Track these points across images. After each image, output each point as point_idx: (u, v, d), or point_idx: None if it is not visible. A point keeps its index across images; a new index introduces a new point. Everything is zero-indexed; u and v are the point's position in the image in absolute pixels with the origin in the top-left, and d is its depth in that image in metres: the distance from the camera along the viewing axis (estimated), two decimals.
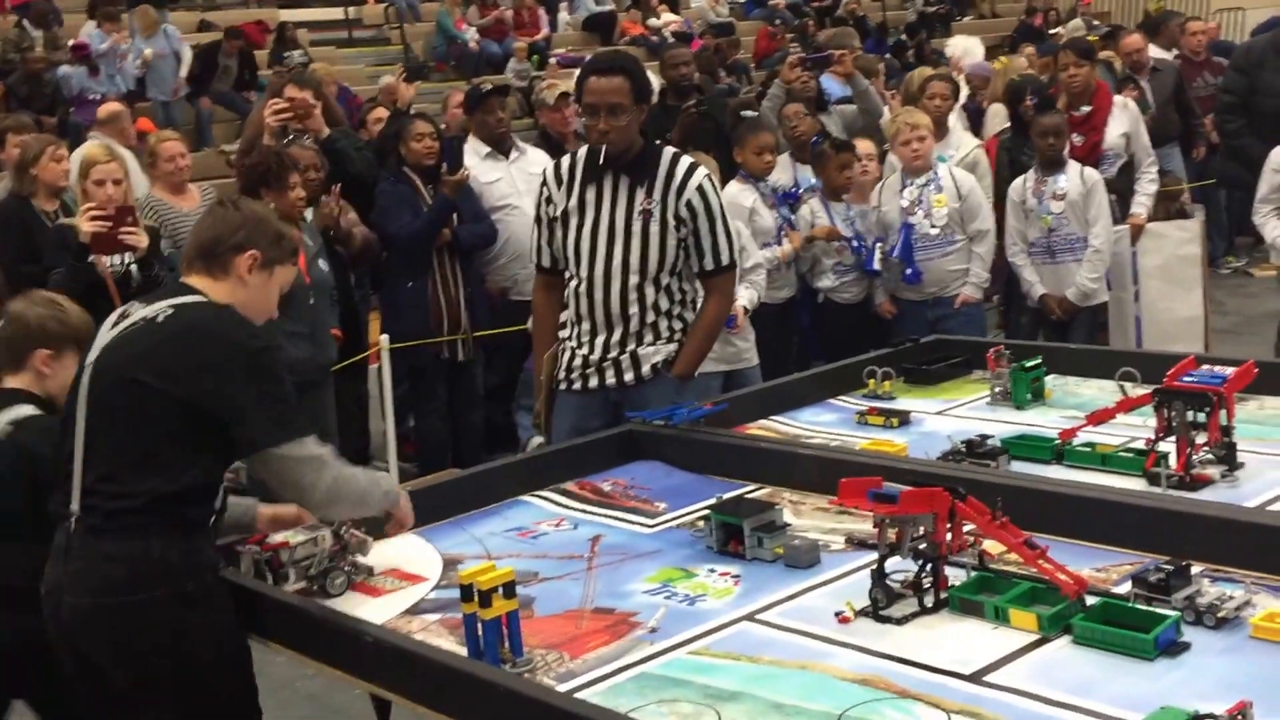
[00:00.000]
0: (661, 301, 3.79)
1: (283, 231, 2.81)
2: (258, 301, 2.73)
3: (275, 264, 2.75)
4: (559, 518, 3.01)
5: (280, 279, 2.78)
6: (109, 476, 2.52)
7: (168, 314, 2.59)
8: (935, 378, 3.98)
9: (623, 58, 3.86)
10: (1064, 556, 2.26)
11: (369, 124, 6.98)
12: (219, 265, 2.68)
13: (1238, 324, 8.22)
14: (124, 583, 2.47)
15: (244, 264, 2.69)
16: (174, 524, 2.50)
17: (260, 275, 2.71)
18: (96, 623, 2.50)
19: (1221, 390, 2.76)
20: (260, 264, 2.71)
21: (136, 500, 2.48)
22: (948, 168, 5.88)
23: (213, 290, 2.67)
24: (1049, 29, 17.80)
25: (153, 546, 2.48)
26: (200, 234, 2.75)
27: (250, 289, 2.70)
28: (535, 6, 16.31)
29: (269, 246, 2.73)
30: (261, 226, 2.74)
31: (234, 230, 2.70)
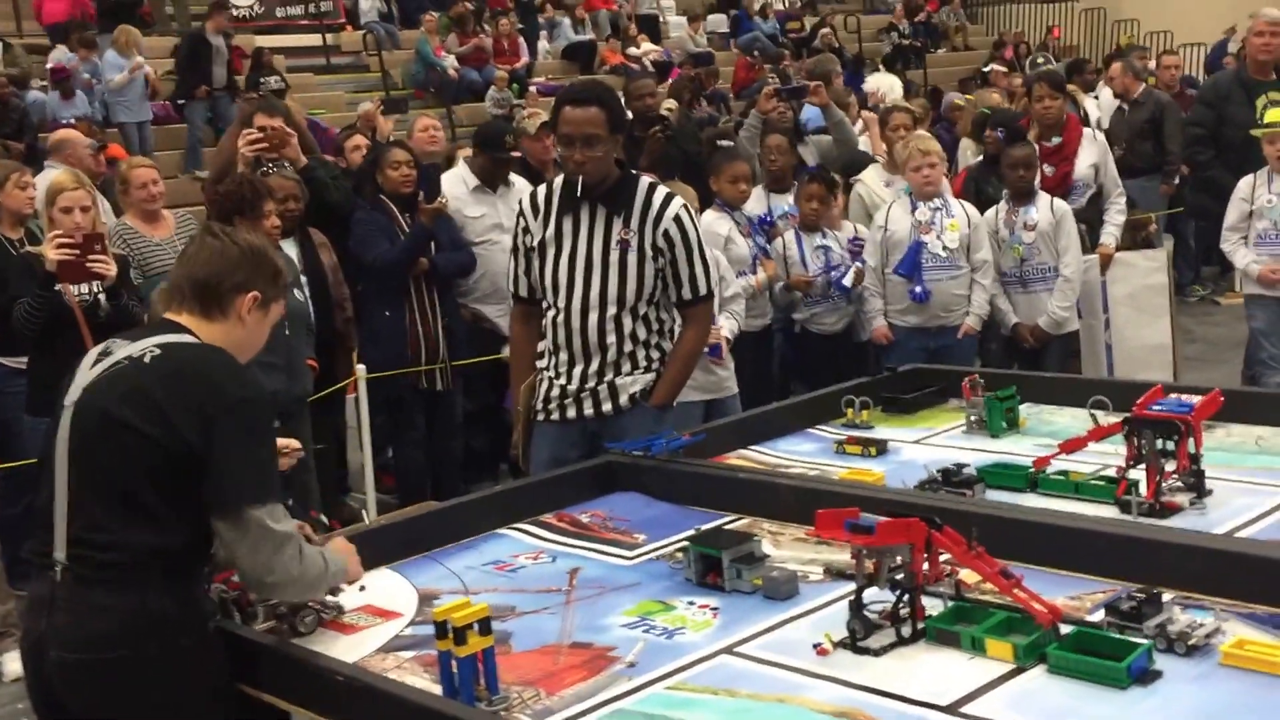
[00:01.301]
0: (639, 331, 3.80)
1: (279, 267, 2.70)
2: (251, 341, 2.63)
3: (272, 302, 2.64)
4: (537, 550, 3.00)
5: (274, 316, 2.68)
6: (97, 525, 2.40)
7: (155, 354, 2.46)
8: (912, 407, 4.01)
9: (598, 88, 3.87)
10: (1039, 585, 2.28)
11: (347, 151, 6.99)
12: (217, 305, 2.56)
13: (1205, 351, 8.33)
14: (115, 637, 2.36)
15: (245, 305, 2.57)
16: (170, 574, 2.40)
17: (257, 314, 2.60)
18: (86, 679, 2.38)
19: (1189, 419, 2.80)
20: (259, 304, 2.60)
21: (129, 553, 2.37)
22: (956, 199, 5.97)
23: (203, 330, 2.55)
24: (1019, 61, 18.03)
25: (150, 599, 2.37)
26: (195, 270, 2.59)
27: (248, 329, 2.59)
28: (515, 35, 16.37)
29: (267, 285, 2.62)
30: (262, 263, 2.62)
31: (234, 268, 2.57)
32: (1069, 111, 6.99)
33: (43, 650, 2.42)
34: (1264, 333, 6.18)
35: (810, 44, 18.07)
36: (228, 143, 5.90)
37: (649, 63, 16.91)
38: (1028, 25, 21.88)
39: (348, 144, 7.09)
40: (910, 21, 20.19)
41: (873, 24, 20.82)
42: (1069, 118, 6.75)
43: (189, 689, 2.40)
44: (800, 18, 19.69)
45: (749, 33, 18.57)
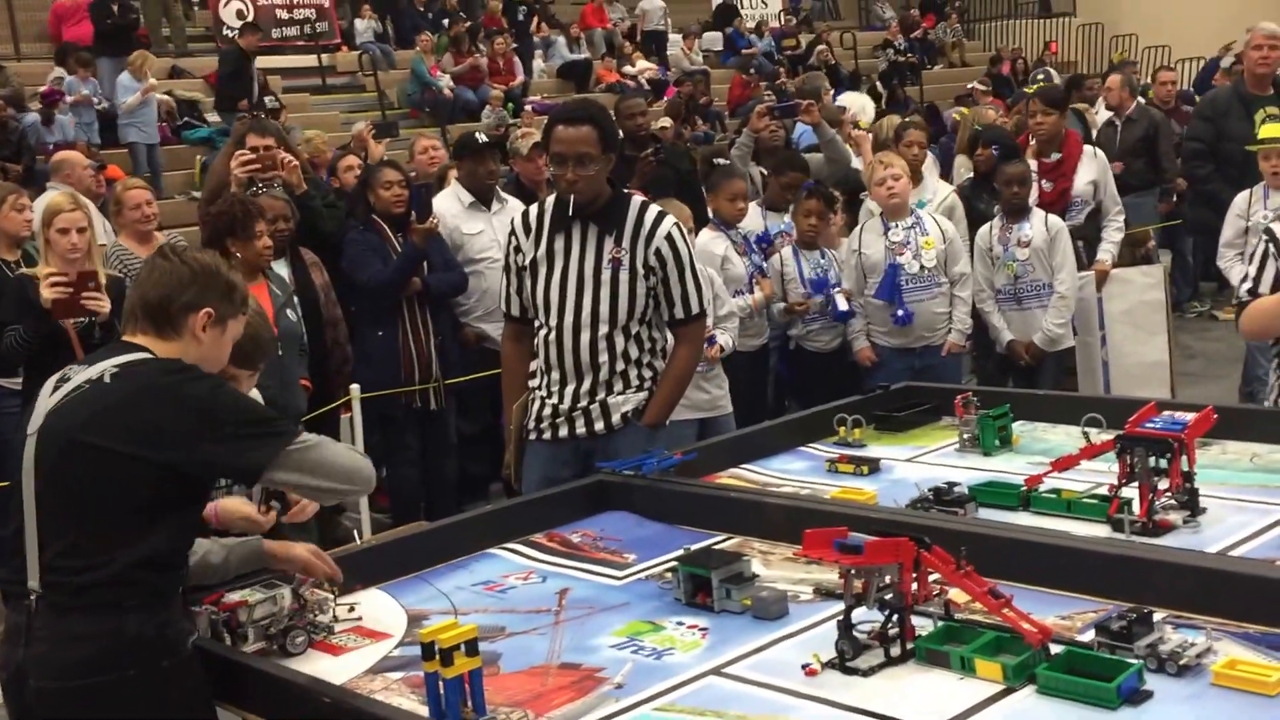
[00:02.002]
0: (631, 350, 3.80)
1: (233, 282, 2.69)
2: (211, 356, 2.63)
3: (229, 318, 2.64)
4: (527, 570, 2.99)
5: (233, 332, 2.67)
6: (70, 550, 2.39)
7: (114, 373, 2.46)
8: (905, 425, 4.00)
9: (590, 107, 3.87)
10: (1029, 604, 2.26)
11: (340, 172, 6.99)
12: (170, 325, 2.56)
13: (1204, 367, 8.32)
14: (94, 662, 2.35)
15: (199, 322, 2.58)
16: (146, 596, 2.39)
17: (214, 331, 2.60)
18: (66, 706, 2.37)
19: (1182, 436, 2.78)
20: (214, 320, 2.60)
21: (104, 572, 2.36)
22: (928, 213, 5.93)
23: (160, 349, 2.55)
24: (1017, 77, 18.09)
25: (127, 623, 2.36)
26: (146, 291, 2.60)
27: (204, 346, 2.59)
28: (510, 54, 16.41)
29: (221, 301, 2.62)
30: (213, 280, 2.62)
31: (184, 287, 2.57)
32: (1070, 128, 6.98)
33: (23, 679, 2.42)
34: (1261, 349, 6.15)
35: (806, 61, 18.13)
36: (221, 164, 5.89)
37: (645, 80, 16.98)
38: (1025, 41, 21.94)
39: (341, 164, 7.09)
40: (906, 38, 20.25)
41: (869, 40, 20.86)
42: (1068, 134, 6.74)
43: (170, 710, 2.40)
44: (796, 35, 19.75)
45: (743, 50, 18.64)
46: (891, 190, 5.69)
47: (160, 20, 15.74)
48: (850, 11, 24.09)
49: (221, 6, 15.72)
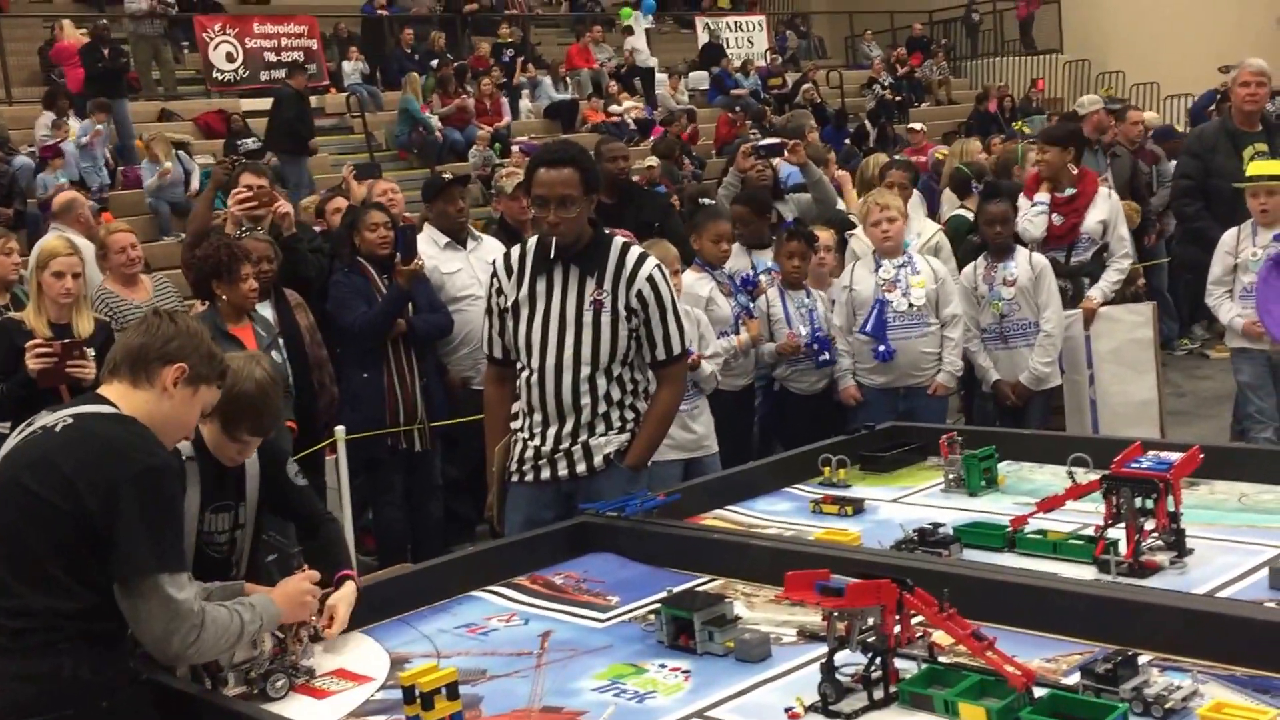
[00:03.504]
0: (613, 392, 3.79)
1: (215, 352, 2.75)
2: (178, 417, 2.65)
3: (202, 382, 2.68)
4: (510, 613, 2.97)
5: (204, 398, 2.71)
6: (5, 592, 2.43)
7: (67, 423, 2.52)
8: (890, 465, 3.99)
9: (572, 149, 3.87)
10: (1014, 647, 2.24)
11: (327, 214, 7.00)
12: (144, 374, 2.61)
13: (1193, 405, 8.31)
14: (33, 703, 2.38)
15: (170, 375, 2.62)
16: (84, 639, 2.42)
17: (185, 390, 2.64)
18: None
19: (1167, 476, 2.78)
20: (186, 378, 2.64)
21: (38, 619, 2.40)
22: (919, 253, 5.94)
23: (128, 400, 2.59)
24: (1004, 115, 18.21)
25: (64, 665, 2.40)
26: (128, 342, 2.68)
27: (173, 403, 2.62)
28: (497, 94, 16.50)
29: (199, 362, 2.67)
30: (194, 341, 2.68)
31: (166, 340, 2.64)
32: (1085, 166, 6.98)
33: None
34: (1251, 387, 6.13)
35: (792, 100, 18.24)
36: (202, 208, 5.92)
37: (631, 120, 17.06)
38: (1011, 78, 22.09)
39: (328, 206, 7.09)
40: (892, 76, 20.41)
41: (855, 79, 21.03)
42: (1083, 172, 6.75)
43: None
44: (782, 74, 19.89)
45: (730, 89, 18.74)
46: (886, 232, 5.72)
47: (150, 63, 15.85)
48: (836, 51, 24.32)
49: (211, 50, 15.82)
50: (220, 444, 3.09)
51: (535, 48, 19.80)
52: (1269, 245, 6.02)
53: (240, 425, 3.05)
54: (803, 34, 24.00)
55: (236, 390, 2.99)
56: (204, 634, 2.43)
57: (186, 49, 17.05)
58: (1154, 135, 10.77)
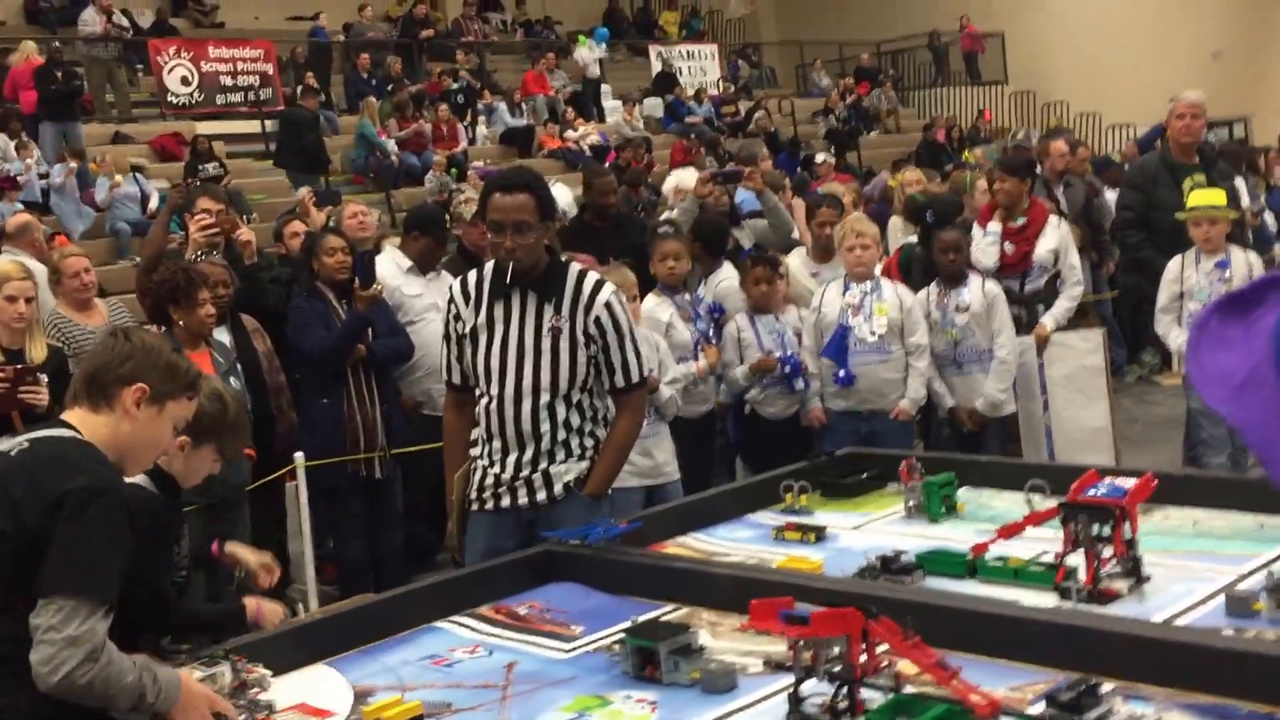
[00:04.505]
0: (573, 419, 3.78)
1: (177, 364, 2.66)
2: (147, 436, 2.59)
3: (167, 398, 2.61)
4: (474, 644, 2.94)
5: (173, 414, 2.64)
6: None
7: (23, 447, 2.46)
8: (851, 491, 4.00)
9: (527, 175, 3.87)
10: (979, 675, 2.25)
11: (286, 238, 6.96)
12: (103, 397, 2.54)
13: (1144, 432, 8.40)
14: None
15: (130, 396, 2.55)
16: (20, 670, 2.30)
17: (149, 410, 2.57)
18: None
19: (1123, 503, 2.81)
20: (149, 398, 2.57)
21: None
22: (889, 281, 6.01)
23: (88, 424, 2.52)
24: (952, 144, 18.44)
25: (19, 699, 2.32)
26: (85, 365, 2.62)
27: (138, 424, 2.56)
28: (454, 120, 16.51)
29: (160, 379, 2.59)
30: (151, 357, 2.60)
31: (121, 360, 2.57)
32: (1036, 196, 7.08)
33: None
34: (1202, 413, 6.23)
35: (745, 127, 18.37)
36: (158, 232, 5.87)
37: (587, 146, 17.12)
38: (958, 108, 22.40)
39: (286, 230, 7.06)
40: (844, 104, 20.63)
41: (806, 108, 21.23)
42: (1033, 201, 6.85)
43: None
44: (735, 102, 20.04)
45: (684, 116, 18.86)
46: (859, 258, 5.79)
47: (104, 87, 15.71)
48: (787, 80, 24.55)
49: (166, 73, 15.73)
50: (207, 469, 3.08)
51: (491, 74, 19.83)
52: (1211, 272, 6.15)
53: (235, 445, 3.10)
54: (754, 63, 24.22)
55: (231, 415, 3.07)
56: (96, 675, 2.27)
57: (141, 72, 16.93)
58: (1093, 165, 10.93)
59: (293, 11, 20.68)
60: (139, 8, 18.84)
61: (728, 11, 24.57)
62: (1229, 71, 20.03)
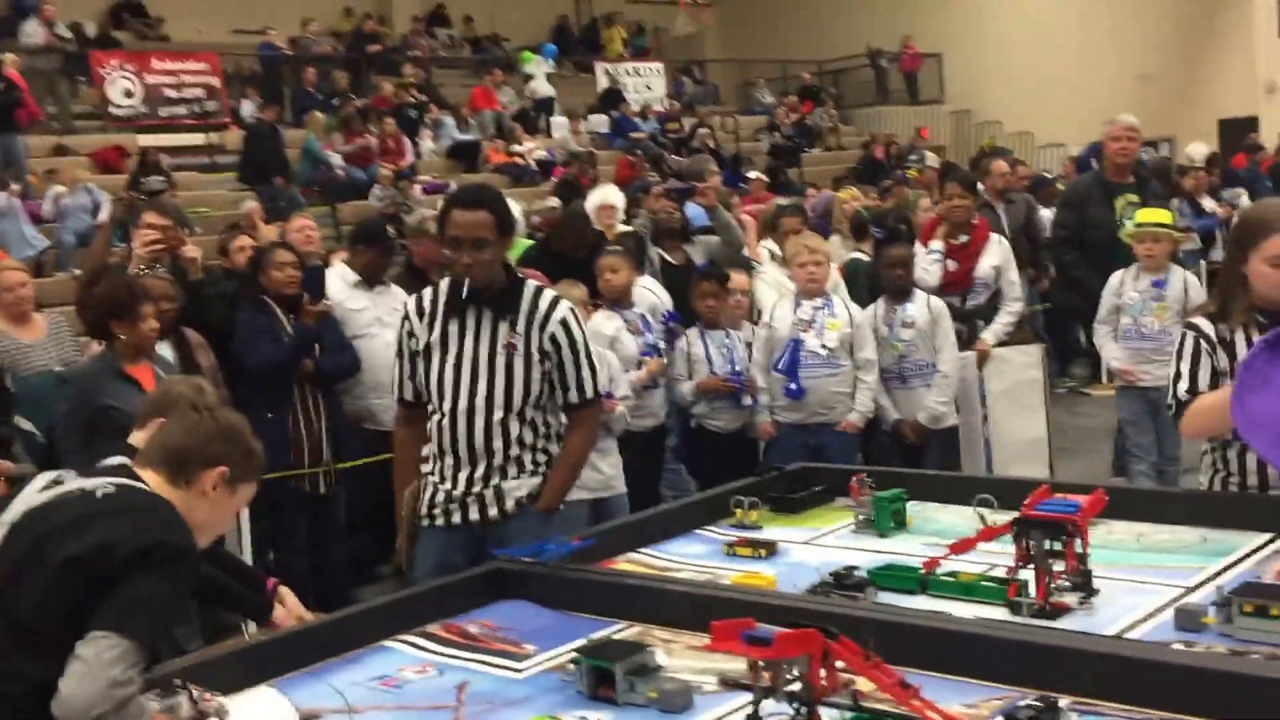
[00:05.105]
0: (526, 435, 3.77)
1: (253, 448, 2.69)
2: (216, 518, 2.62)
3: (240, 482, 2.63)
4: (424, 664, 2.90)
5: (242, 497, 2.67)
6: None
7: (108, 491, 2.45)
8: (800, 506, 4.01)
9: (486, 191, 3.88)
10: (934, 692, 2.25)
11: (232, 252, 6.88)
12: (184, 474, 2.56)
13: (1074, 442, 8.56)
14: None
15: (211, 480, 2.57)
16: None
17: (223, 492, 2.59)
18: None
19: (1077, 519, 2.84)
20: (227, 480, 2.59)
21: (20, 686, 2.29)
22: (840, 296, 6.06)
23: (165, 493, 2.53)
24: (891, 161, 18.65)
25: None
26: (169, 438, 2.62)
27: (211, 505, 2.58)
28: (400, 134, 16.44)
29: (239, 463, 2.61)
30: (237, 441, 2.63)
31: (210, 441, 2.58)
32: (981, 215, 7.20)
33: None
34: (1130, 422, 6.43)
35: (690, 143, 18.46)
36: (99, 245, 5.78)
37: (533, 161, 17.12)
38: (898, 126, 22.70)
39: (233, 245, 6.97)
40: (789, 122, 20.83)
41: (749, 125, 21.39)
42: (978, 219, 6.96)
43: None
44: (679, 118, 20.14)
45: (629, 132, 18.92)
46: (812, 274, 5.84)
47: (46, 98, 15.47)
48: (730, 97, 24.74)
49: (108, 85, 15.53)
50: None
51: (439, 89, 19.78)
52: (1146, 290, 6.28)
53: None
54: (699, 80, 24.38)
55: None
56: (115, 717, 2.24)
57: (83, 84, 16.71)
58: (1029, 184, 11.09)
59: (238, 25, 20.52)
60: (82, 19, 18.62)
61: (674, 29, 24.68)
62: (1155, 93, 20.53)
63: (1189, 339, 3.55)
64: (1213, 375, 3.48)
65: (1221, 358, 3.47)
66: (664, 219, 6.85)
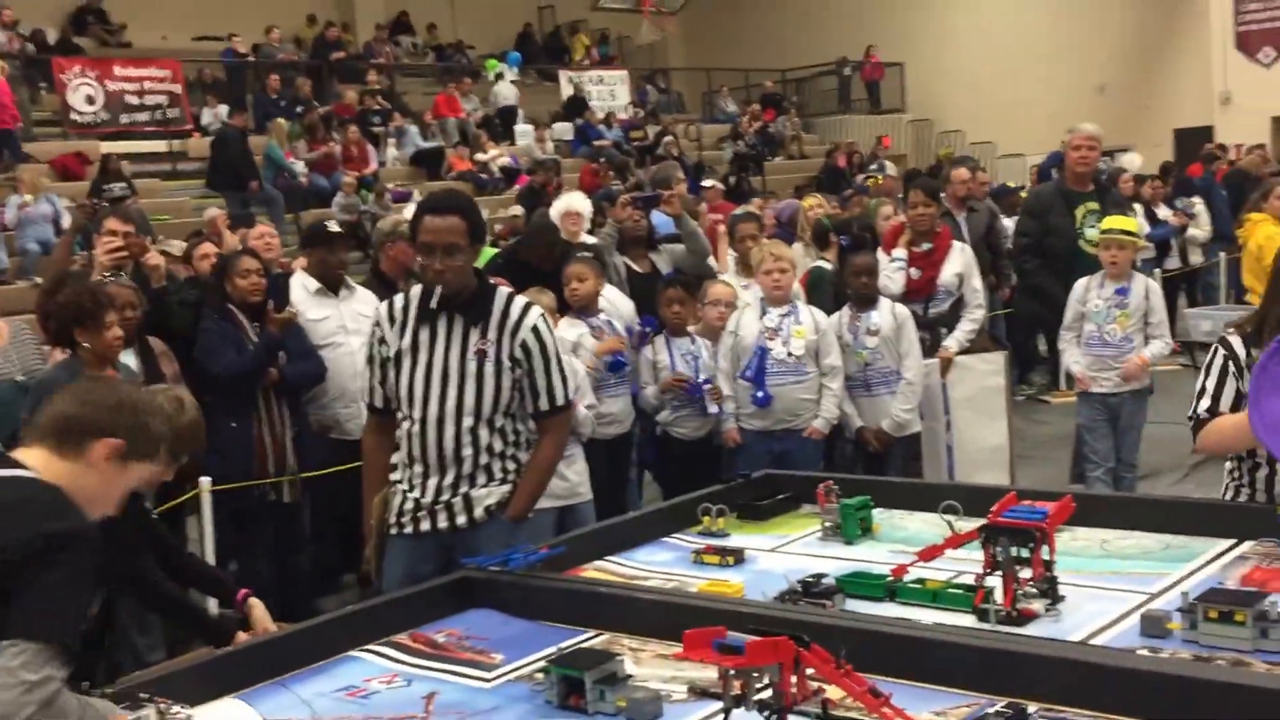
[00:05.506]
0: (495, 443, 3.76)
1: (152, 427, 2.59)
2: (105, 494, 2.51)
3: (134, 458, 2.54)
4: (391, 674, 2.88)
5: (135, 475, 2.57)
6: None
7: None
8: (766, 513, 4.02)
9: (458, 197, 3.87)
10: (903, 699, 2.26)
11: (195, 260, 6.82)
12: (72, 444, 2.45)
13: (1032, 449, 8.62)
14: None
15: (100, 451, 2.47)
16: None
17: (115, 466, 2.50)
18: None
19: (1044, 526, 2.86)
20: (118, 454, 2.49)
21: None
22: (805, 304, 6.07)
23: (49, 468, 2.43)
24: (853, 170, 18.76)
25: None
26: (59, 406, 2.51)
27: (99, 478, 2.48)
28: (363, 142, 16.38)
29: (135, 440, 2.52)
30: (136, 417, 2.53)
31: (99, 411, 2.48)
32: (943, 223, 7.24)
33: None
34: (1088, 428, 6.50)
35: (654, 151, 18.50)
36: (61, 252, 5.71)
37: (497, 168, 17.10)
38: (859, 135, 22.86)
39: (196, 252, 6.91)
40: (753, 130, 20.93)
41: (713, 133, 21.48)
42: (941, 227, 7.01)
43: None
44: (643, 126, 20.18)
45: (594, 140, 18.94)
46: (777, 282, 5.85)
47: None
48: (694, 105, 24.82)
49: (70, 92, 15.40)
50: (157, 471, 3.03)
51: (402, 96, 19.72)
52: (1110, 297, 6.35)
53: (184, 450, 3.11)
54: (662, 89, 24.44)
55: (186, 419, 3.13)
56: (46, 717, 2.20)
57: (44, 90, 16.55)
58: (991, 193, 11.18)
59: (201, 32, 20.40)
60: (44, 25, 18.45)
61: (638, 37, 24.74)
62: (1112, 104, 20.81)
63: (1219, 356, 3.53)
64: (1236, 397, 3.47)
65: (1247, 381, 3.38)
66: (630, 227, 6.84)
